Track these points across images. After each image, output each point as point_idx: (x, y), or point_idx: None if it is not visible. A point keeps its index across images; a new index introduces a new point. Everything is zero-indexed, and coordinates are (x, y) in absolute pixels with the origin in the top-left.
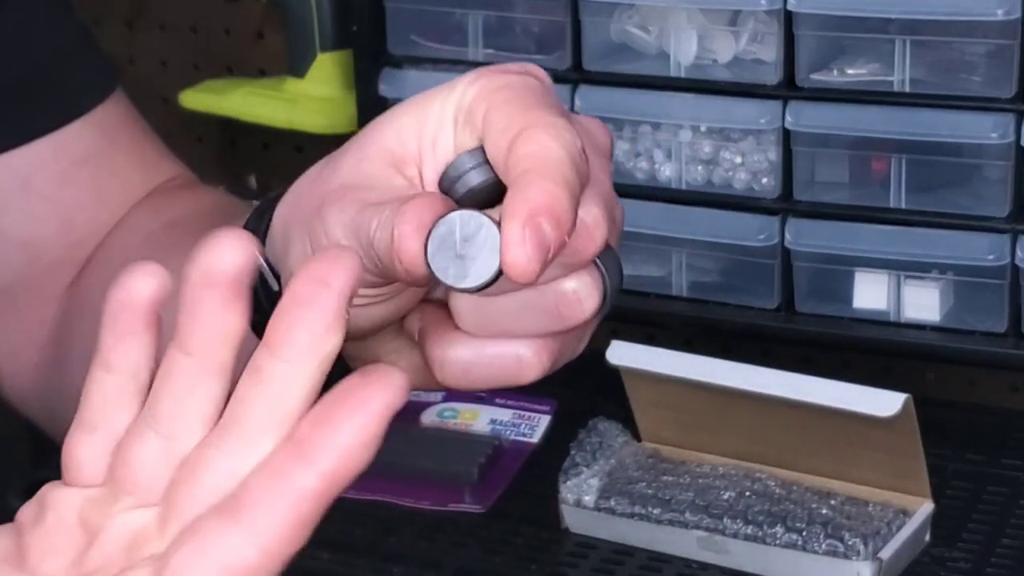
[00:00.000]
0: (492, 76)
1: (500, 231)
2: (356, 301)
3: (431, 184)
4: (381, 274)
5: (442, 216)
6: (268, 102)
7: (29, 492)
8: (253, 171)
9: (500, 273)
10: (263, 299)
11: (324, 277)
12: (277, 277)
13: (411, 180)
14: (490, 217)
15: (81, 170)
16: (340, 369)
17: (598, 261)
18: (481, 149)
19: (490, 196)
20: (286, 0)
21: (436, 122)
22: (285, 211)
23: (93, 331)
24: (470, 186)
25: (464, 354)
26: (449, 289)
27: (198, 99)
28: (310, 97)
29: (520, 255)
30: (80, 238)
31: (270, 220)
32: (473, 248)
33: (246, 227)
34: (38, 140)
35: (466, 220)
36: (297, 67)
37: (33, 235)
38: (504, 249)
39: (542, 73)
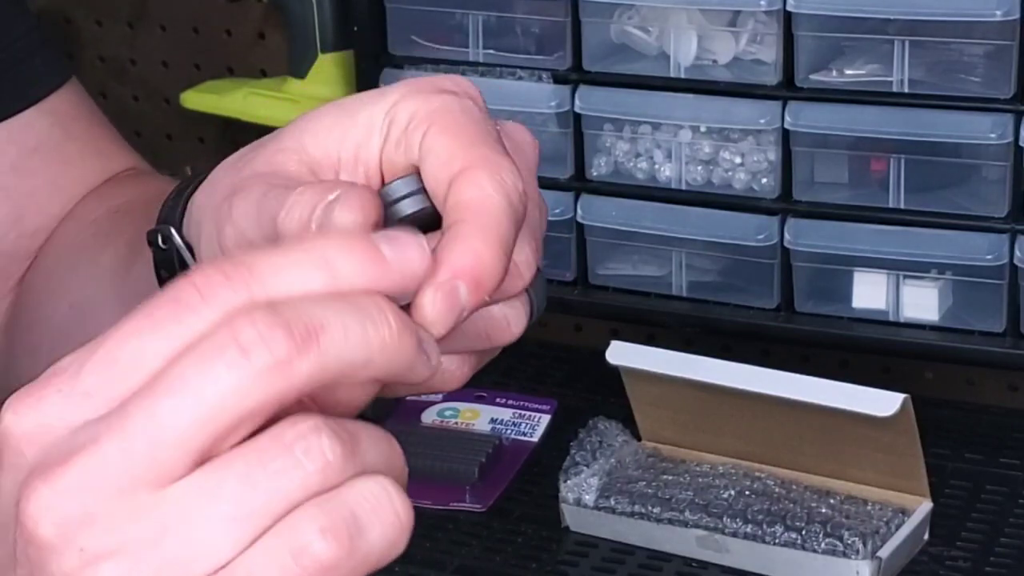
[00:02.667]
0: (428, 95)
1: None
2: None
3: None
4: None
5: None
6: (269, 102)
7: None
8: None
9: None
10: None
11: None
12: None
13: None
14: None
15: (33, 159)
16: None
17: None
18: (416, 176)
19: (423, 224)
20: (287, 1)
21: (362, 130)
22: (200, 196)
23: (39, 321)
24: (404, 214)
25: None
26: None
27: (199, 99)
28: (311, 97)
29: (428, 313)
30: (32, 229)
31: (187, 201)
32: None
33: (165, 205)
34: None
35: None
36: (298, 68)
37: None
38: (413, 307)
39: (475, 90)
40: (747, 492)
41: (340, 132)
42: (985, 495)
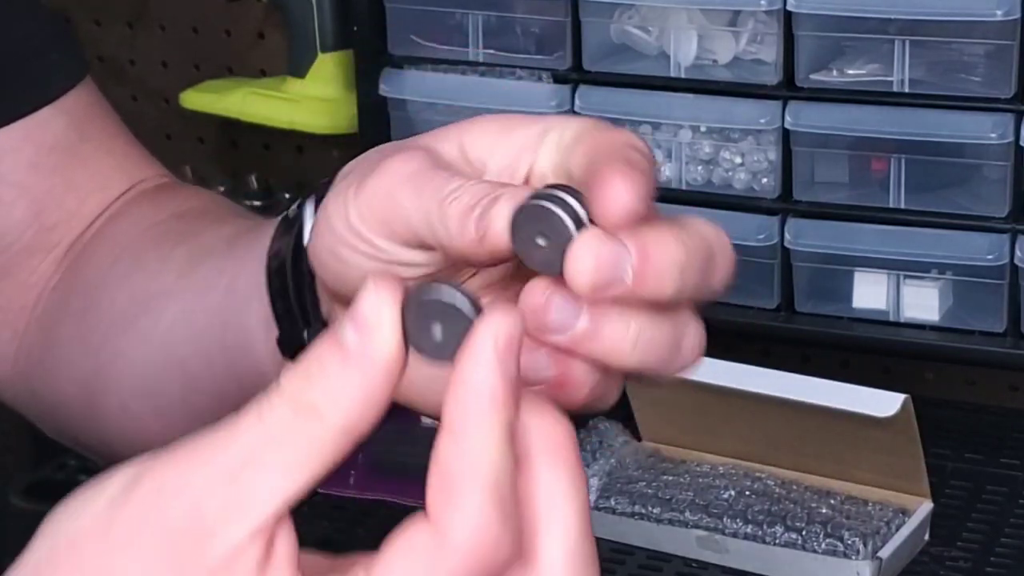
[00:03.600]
0: (596, 124)
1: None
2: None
3: None
4: (438, 242)
5: (529, 201)
6: (269, 102)
7: (30, 490)
8: (253, 171)
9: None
10: (289, 276)
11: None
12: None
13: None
14: (575, 213)
15: (51, 157)
16: None
17: None
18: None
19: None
20: (286, 0)
21: (515, 150)
22: (351, 164)
23: (93, 311)
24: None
25: None
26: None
27: (199, 99)
28: (311, 97)
29: (587, 260)
30: (51, 224)
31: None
32: (553, 243)
33: (319, 187)
34: (6, 127)
35: (549, 212)
36: (297, 67)
37: (2, 221)
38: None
39: (645, 147)
40: (747, 492)
41: (493, 144)
42: (985, 495)
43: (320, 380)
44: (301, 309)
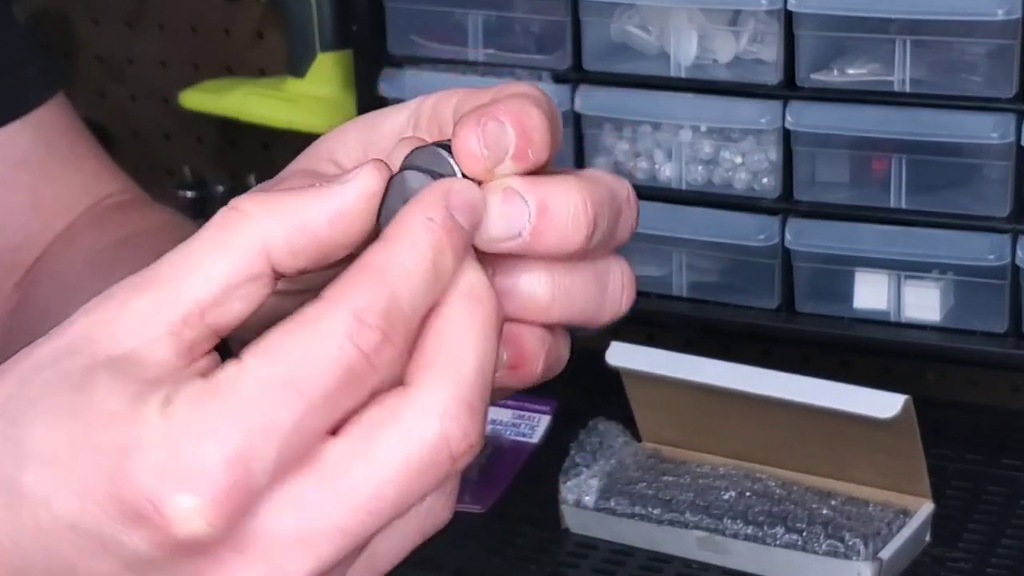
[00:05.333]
0: (455, 89)
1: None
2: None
3: None
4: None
5: (393, 175)
6: (268, 102)
7: None
8: (253, 171)
9: None
10: None
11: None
12: None
13: None
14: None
15: (18, 173)
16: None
17: None
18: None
19: None
20: (286, 0)
21: (388, 139)
22: None
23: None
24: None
25: None
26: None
27: (198, 99)
28: (310, 97)
29: (471, 145)
30: (15, 243)
31: None
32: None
33: None
34: None
35: (416, 176)
36: (297, 67)
37: None
38: (456, 146)
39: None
40: (748, 493)
41: (366, 142)
42: (987, 496)
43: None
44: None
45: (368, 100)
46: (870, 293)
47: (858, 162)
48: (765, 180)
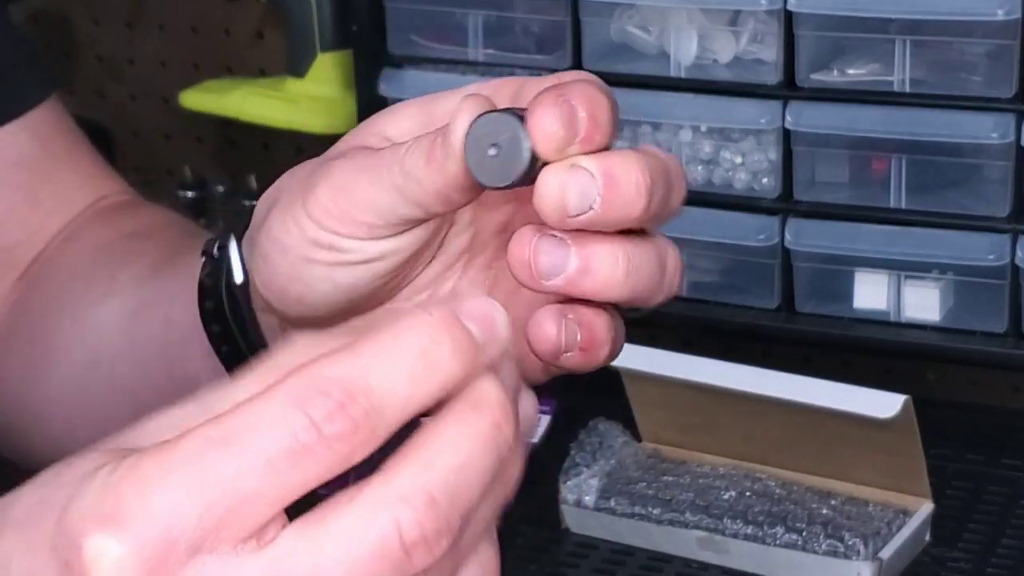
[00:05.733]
0: (514, 78)
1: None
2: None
3: None
4: (408, 197)
5: (478, 117)
6: (268, 102)
7: None
8: (253, 171)
9: (528, 171)
10: (223, 288)
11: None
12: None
13: None
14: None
15: (14, 173)
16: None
17: None
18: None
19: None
20: (286, 0)
21: (441, 120)
22: (270, 193)
23: (40, 335)
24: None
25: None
26: (480, 187)
27: (198, 99)
28: (310, 97)
29: (547, 124)
30: (12, 242)
31: (250, 215)
32: (504, 150)
33: (228, 219)
34: None
35: (499, 122)
36: (297, 67)
37: None
38: (533, 123)
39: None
40: (748, 493)
41: (422, 121)
42: (987, 496)
43: None
44: (249, 347)
45: (368, 100)
46: (870, 293)
47: (858, 162)
48: (765, 180)
